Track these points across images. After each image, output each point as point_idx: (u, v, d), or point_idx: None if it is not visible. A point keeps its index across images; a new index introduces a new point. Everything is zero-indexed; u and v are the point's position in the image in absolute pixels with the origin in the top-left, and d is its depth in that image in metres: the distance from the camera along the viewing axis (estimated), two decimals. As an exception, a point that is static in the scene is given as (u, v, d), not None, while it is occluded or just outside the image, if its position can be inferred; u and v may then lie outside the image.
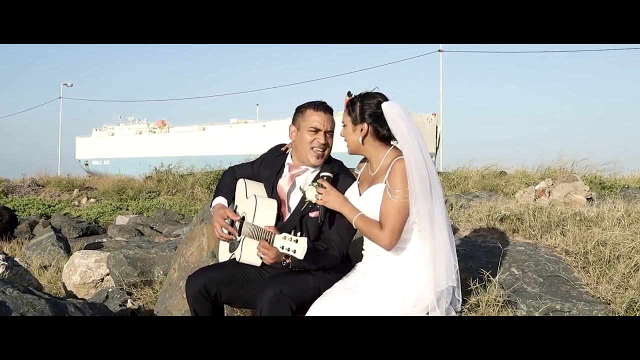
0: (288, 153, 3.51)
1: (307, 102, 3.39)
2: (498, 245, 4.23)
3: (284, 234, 2.97)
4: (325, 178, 3.22)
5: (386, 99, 3.19)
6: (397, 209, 3.02)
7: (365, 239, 3.27)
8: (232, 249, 3.40)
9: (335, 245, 3.24)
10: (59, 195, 17.74)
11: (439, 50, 32.24)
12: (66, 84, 47.77)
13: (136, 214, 12.85)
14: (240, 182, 3.55)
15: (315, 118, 3.31)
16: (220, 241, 3.53)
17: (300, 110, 3.39)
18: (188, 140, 48.03)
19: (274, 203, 3.33)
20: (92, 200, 16.01)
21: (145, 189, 16.01)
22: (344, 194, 3.25)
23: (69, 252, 8.18)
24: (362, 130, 3.17)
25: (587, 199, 7.57)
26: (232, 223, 3.28)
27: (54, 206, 14.80)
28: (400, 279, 3.07)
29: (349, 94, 3.31)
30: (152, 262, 5.30)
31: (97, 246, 8.55)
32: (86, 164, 53.12)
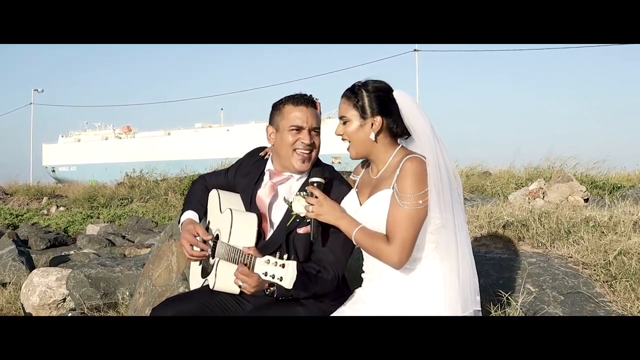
0: (268, 158, 2.99)
1: (285, 97, 2.86)
2: (506, 257, 3.78)
3: (267, 257, 2.39)
4: (315, 185, 2.68)
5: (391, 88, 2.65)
6: (409, 217, 2.45)
7: (365, 259, 2.72)
8: (205, 273, 2.87)
9: (329, 267, 2.69)
10: (27, 204, 17.24)
11: (415, 50, 32.14)
12: (37, 90, 47.44)
13: (107, 222, 12.53)
14: (213, 194, 3.03)
15: (296, 114, 2.79)
16: (192, 264, 3.02)
17: (277, 107, 2.87)
18: (154, 145, 47.98)
19: (253, 218, 2.79)
20: (61, 208, 15.47)
21: (117, 195, 15.53)
22: (339, 204, 2.70)
23: (32, 267, 7.61)
24: (373, 125, 2.60)
25: (584, 200, 7.17)
26: (205, 241, 2.77)
27: (22, 215, 14.25)
28: (410, 309, 2.50)
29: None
30: (117, 282, 4.77)
31: (64, 260, 8.08)
32: (53, 171, 53.15)
